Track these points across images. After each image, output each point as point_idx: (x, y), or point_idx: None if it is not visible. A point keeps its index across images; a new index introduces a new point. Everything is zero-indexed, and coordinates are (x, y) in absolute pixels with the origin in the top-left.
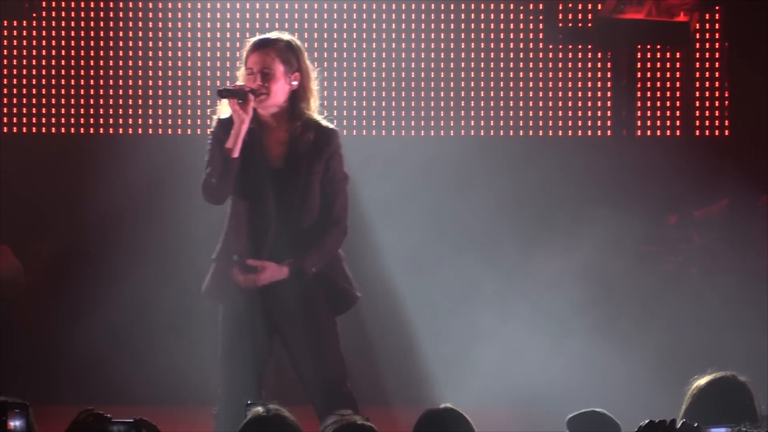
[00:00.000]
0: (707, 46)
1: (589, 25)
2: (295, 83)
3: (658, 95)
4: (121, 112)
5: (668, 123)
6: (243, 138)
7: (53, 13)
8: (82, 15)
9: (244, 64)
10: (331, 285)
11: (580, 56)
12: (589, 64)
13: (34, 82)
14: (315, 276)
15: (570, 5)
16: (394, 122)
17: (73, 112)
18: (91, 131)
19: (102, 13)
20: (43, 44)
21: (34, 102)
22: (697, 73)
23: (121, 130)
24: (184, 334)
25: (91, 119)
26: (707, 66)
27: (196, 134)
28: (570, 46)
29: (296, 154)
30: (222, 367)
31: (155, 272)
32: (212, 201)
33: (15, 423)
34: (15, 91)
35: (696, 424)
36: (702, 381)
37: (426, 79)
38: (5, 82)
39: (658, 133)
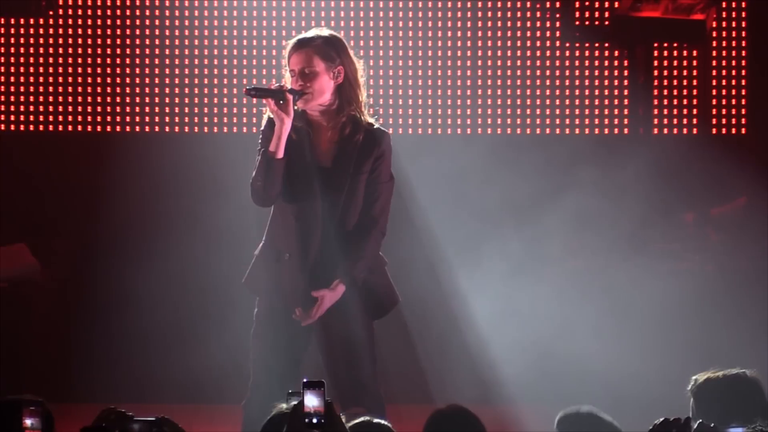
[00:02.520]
0: (724, 44)
1: (606, 23)
2: (339, 78)
3: (675, 93)
4: (138, 110)
5: (685, 121)
6: (291, 137)
7: (70, 11)
8: (99, 13)
9: (288, 67)
10: (372, 289)
11: (597, 54)
12: (606, 62)
13: (51, 80)
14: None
15: (587, 3)
16: (410, 120)
17: (90, 110)
18: (108, 129)
19: (119, 11)
20: (60, 42)
21: (51, 100)
22: (714, 71)
23: (137, 128)
24: (203, 333)
25: (108, 117)
26: (724, 63)
27: (214, 132)
28: (587, 44)
29: (345, 153)
30: (253, 360)
31: (173, 270)
32: (260, 203)
33: (30, 421)
34: (32, 89)
35: (712, 425)
36: (711, 376)
37: (443, 77)
38: (22, 80)
39: (675, 131)
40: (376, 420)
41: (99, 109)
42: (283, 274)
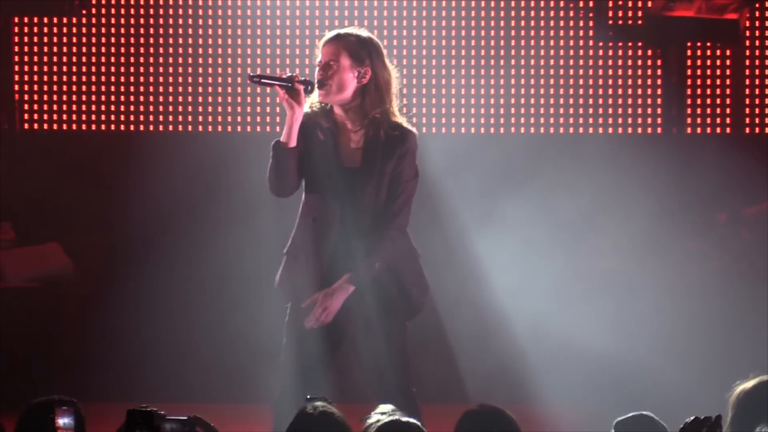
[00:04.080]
0: (757, 44)
1: (639, 22)
2: (364, 79)
3: (708, 93)
4: (171, 110)
5: (718, 120)
6: (318, 136)
7: (103, 10)
8: (132, 12)
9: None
10: (401, 287)
11: (630, 54)
12: (639, 62)
13: (84, 80)
14: (386, 275)
15: (620, 3)
16: (444, 119)
17: (123, 109)
18: (141, 128)
19: (152, 9)
20: (93, 41)
21: (84, 99)
22: (747, 71)
23: (171, 127)
24: (234, 331)
25: (141, 116)
26: (757, 63)
27: (247, 132)
28: (620, 44)
29: (371, 154)
30: (283, 360)
31: (205, 268)
32: (274, 193)
33: (63, 420)
34: (65, 88)
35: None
36: (748, 384)
37: (476, 76)
38: (55, 79)
39: (708, 131)
40: (405, 419)
41: (132, 108)
42: (301, 274)
